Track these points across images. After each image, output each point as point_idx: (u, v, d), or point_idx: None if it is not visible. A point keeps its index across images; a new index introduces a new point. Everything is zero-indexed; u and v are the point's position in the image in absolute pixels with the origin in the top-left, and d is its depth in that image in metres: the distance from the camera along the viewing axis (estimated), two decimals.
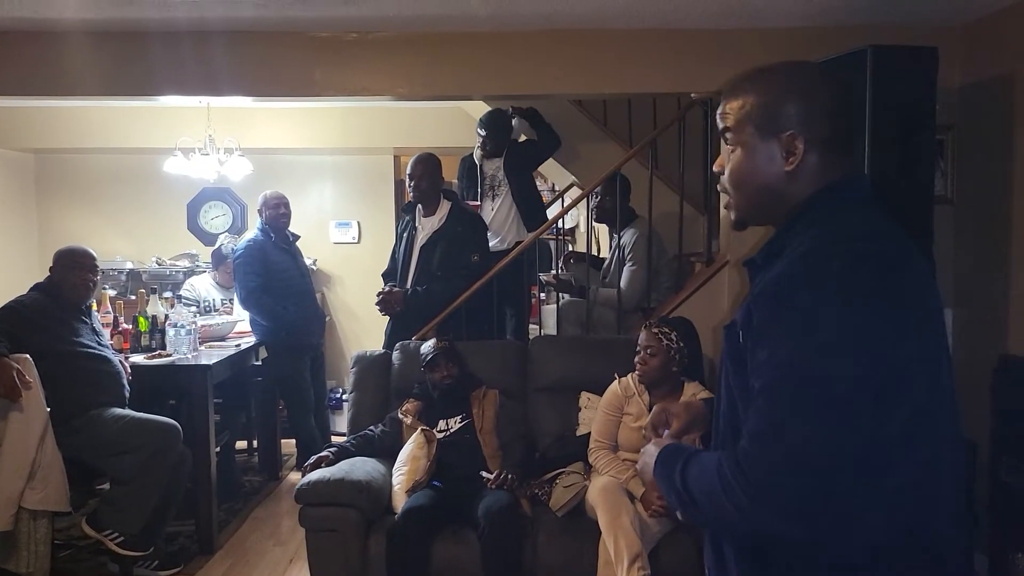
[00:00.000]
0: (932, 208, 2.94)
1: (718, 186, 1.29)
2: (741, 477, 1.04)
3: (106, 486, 3.72)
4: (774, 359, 1.06)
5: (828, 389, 1.02)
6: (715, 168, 1.29)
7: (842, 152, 1.21)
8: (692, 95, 3.90)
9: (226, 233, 5.95)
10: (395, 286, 3.95)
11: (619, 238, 4.16)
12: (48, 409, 3.04)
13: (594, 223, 4.73)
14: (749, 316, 1.12)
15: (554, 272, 4.56)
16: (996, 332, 3.32)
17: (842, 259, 1.08)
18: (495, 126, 4.39)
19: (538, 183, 5.72)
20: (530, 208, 4.45)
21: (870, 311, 1.05)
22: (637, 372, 3.01)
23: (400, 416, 3.29)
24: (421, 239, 3.90)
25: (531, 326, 4.77)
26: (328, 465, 3.06)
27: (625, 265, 4.08)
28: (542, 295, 5.13)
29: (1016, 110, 3.25)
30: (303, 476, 3.01)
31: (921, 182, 2.91)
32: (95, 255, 3.50)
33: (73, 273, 3.37)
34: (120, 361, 3.53)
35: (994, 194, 3.35)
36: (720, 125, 1.25)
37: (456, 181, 4.82)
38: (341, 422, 5.56)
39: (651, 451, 1.29)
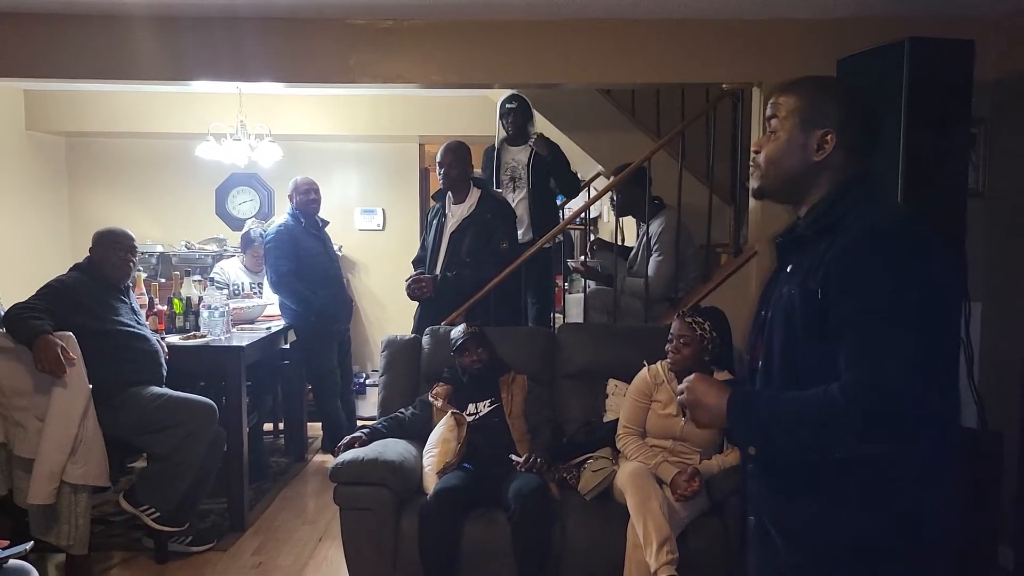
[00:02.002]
0: (966, 201, 2.94)
1: (751, 161, 1.58)
2: (861, 405, 1.28)
3: (138, 464, 3.82)
4: (862, 308, 1.31)
5: (913, 330, 1.29)
6: (753, 148, 1.58)
7: (862, 156, 1.50)
8: (724, 86, 3.91)
9: (253, 218, 6.02)
10: (424, 272, 3.99)
11: (647, 228, 4.18)
12: (90, 386, 3.11)
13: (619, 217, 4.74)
14: (827, 276, 1.36)
15: (582, 258, 4.58)
16: None
17: (905, 224, 1.39)
18: (522, 110, 4.39)
19: None
20: (540, 213, 4.44)
21: (935, 261, 1.35)
22: (669, 360, 3.04)
23: (430, 399, 3.34)
24: (451, 226, 3.94)
25: (556, 315, 4.81)
26: (361, 446, 3.11)
27: (652, 255, 4.10)
28: (565, 284, 5.16)
29: None
30: (336, 456, 3.06)
31: (955, 174, 2.92)
32: (133, 236, 3.56)
33: (113, 253, 3.44)
34: (157, 340, 3.60)
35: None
36: (769, 112, 1.54)
37: (482, 171, 4.85)
38: (365, 406, 5.65)
39: (706, 392, 1.48)
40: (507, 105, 4.41)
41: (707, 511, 2.94)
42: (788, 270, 1.49)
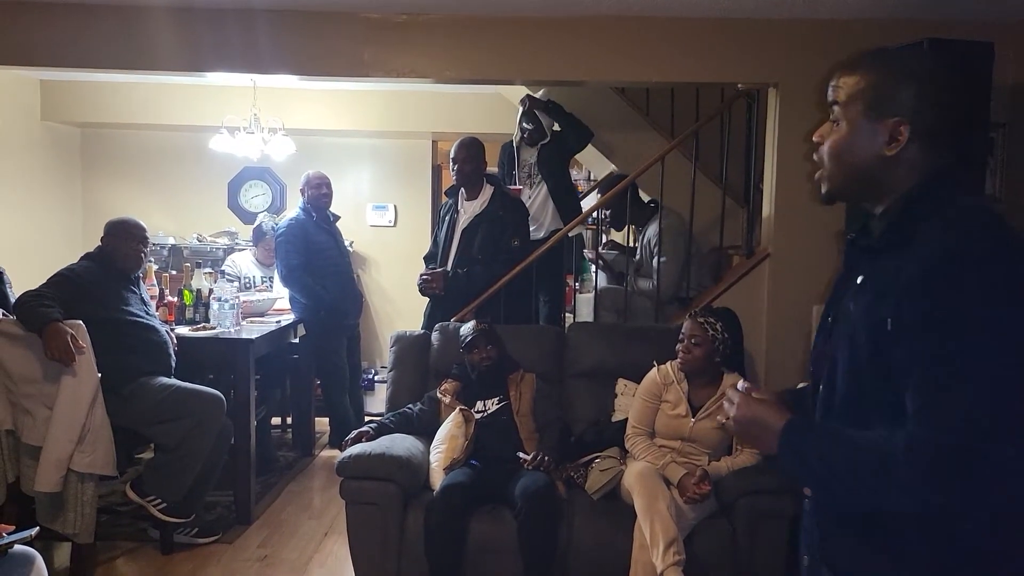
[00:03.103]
0: None
1: (814, 156, 1.31)
2: (919, 465, 1.07)
3: (145, 455, 3.82)
4: (939, 345, 1.09)
5: (997, 370, 1.06)
6: (815, 138, 1.31)
7: (948, 143, 1.22)
8: (739, 86, 3.89)
9: (265, 212, 6.03)
10: (435, 268, 3.99)
11: (643, 234, 4.20)
12: (99, 375, 3.11)
13: (612, 229, 4.73)
14: (899, 304, 1.13)
15: (599, 250, 4.58)
16: None
17: (988, 240, 1.12)
18: (538, 118, 4.40)
19: (574, 172, 5.75)
20: (564, 203, 4.45)
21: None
22: (679, 360, 3.02)
23: (439, 395, 3.32)
24: (463, 222, 3.93)
25: (565, 314, 4.79)
26: (368, 440, 3.11)
27: (655, 258, 4.10)
28: (576, 284, 5.14)
29: None
30: (343, 450, 3.06)
31: (973, 180, 2.89)
32: (146, 227, 3.57)
33: (125, 243, 3.45)
34: (167, 332, 3.61)
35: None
36: (830, 97, 1.28)
37: (497, 168, 4.85)
38: (373, 402, 5.65)
39: (759, 411, 1.29)
40: (524, 125, 4.46)
41: (715, 513, 2.92)
42: (859, 281, 1.25)
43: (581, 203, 4.86)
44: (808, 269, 3.71)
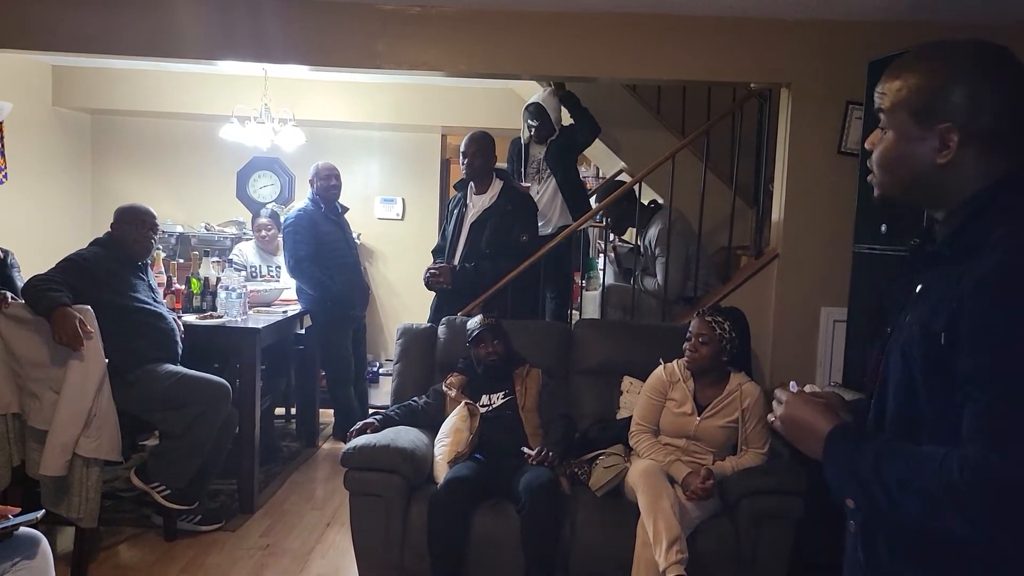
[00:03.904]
0: None
1: (868, 162, 1.24)
2: (977, 487, 1.01)
3: (150, 441, 3.83)
4: (999, 362, 1.02)
5: None
6: (867, 145, 1.24)
7: (1008, 141, 1.13)
8: (751, 85, 3.87)
9: (274, 202, 6.04)
10: (442, 262, 3.98)
11: (644, 236, 4.20)
12: (107, 360, 3.12)
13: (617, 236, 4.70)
14: (955, 316, 1.06)
15: (614, 242, 4.58)
16: None
17: None
18: (544, 115, 4.38)
19: (582, 170, 5.73)
20: (573, 197, 4.45)
21: None
22: (686, 359, 3.02)
23: (444, 389, 3.32)
24: (471, 216, 3.93)
25: (572, 311, 4.78)
26: (373, 432, 3.11)
27: (657, 259, 4.10)
28: (583, 281, 5.14)
29: None
30: (348, 441, 3.06)
31: None
32: (155, 214, 3.57)
33: (135, 229, 3.45)
34: (174, 319, 3.61)
35: None
36: (876, 104, 1.20)
37: (506, 164, 4.84)
38: (378, 395, 5.65)
39: (807, 412, 1.23)
40: (529, 122, 4.44)
41: (718, 512, 2.91)
42: (917, 291, 1.17)
43: (590, 200, 4.85)
44: (817, 271, 3.70)
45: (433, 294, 4.07)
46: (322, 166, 4.74)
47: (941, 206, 1.18)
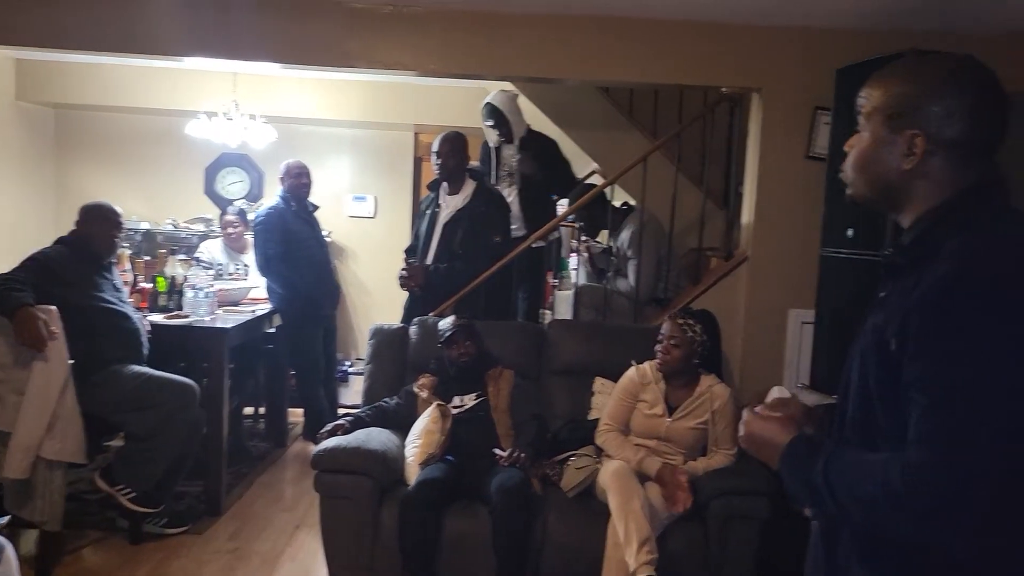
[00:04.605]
0: None
1: (843, 164, 1.29)
2: (914, 490, 1.04)
3: (115, 443, 3.77)
4: (945, 373, 1.05)
5: (1008, 405, 1.02)
6: (845, 148, 1.29)
7: (977, 155, 1.18)
8: (723, 89, 3.91)
9: (243, 199, 5.97)
10: (415, 262, 3.97)
11: (616, 238, 4.22)
12: (71, 361, 3.06)
13: (590, 238, 4.70)
14: (904, 323, 1.09)
15: (588, 241, 4.58)
16: None
17: (1006, 265, 1.07)
18: (498, 115, 4.34)
19: None
20: (534, 219, 4.39)
21: None
22: (658, 361, 3.04)
23: (416, 390, 3.31)
24: (444, 217, 3.92)
25: (544, 311, 4.80)
26: (344, 434, 3.09)
27: (630, 260, 4.12)
28: (555, 281, 5.15)
29: None
30: (318, 443, 3.04)
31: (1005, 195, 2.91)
32: (121, 212, 3.52)
33: (100, 227, 3.40)
34: (139, 319, 3.56)
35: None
36: (857, 107, 1.26)
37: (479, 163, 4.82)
38: (348, 394, 5.62)
39: (766, 428, 1.27)
40: (486, 123, 4.37)
41: (689, 513, 2.93)
42: (880, 297, 1.21)
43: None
44: (786, 273, 3.74)
45: (406, 294, 4.05)
46: (292, 164, 4.69)
47: (906, 212, 1.22)
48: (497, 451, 3.08)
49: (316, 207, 4.83)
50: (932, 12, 3.27)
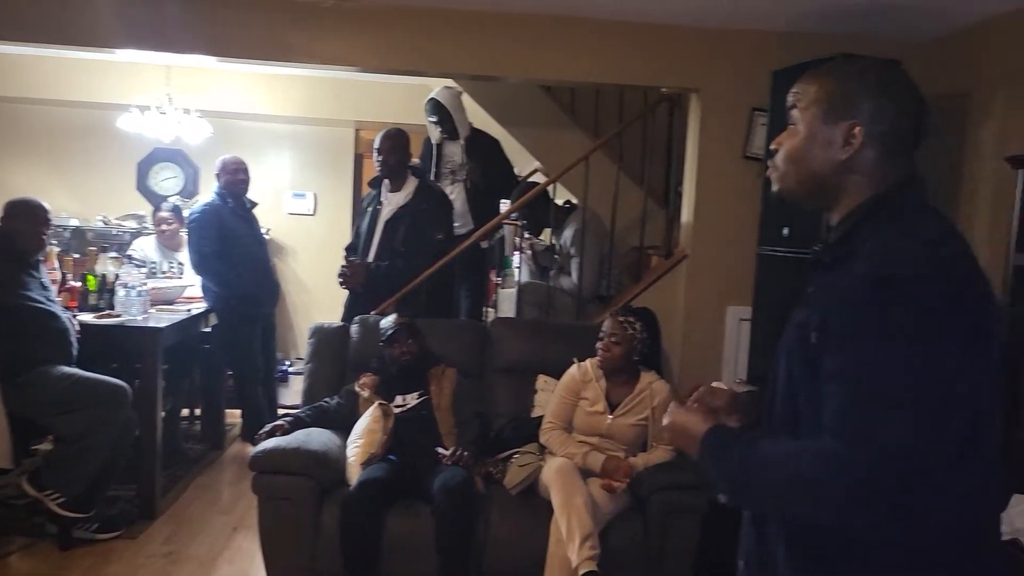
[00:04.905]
0: None
1: (769, 162, 1.33)
2: (826, 476, 1.08)
3: (44, 446, 3.64)
4: (858, 364, 1.09)
5: (914, 395, 1.06)
6: (772, 146, 1.31)
7: (902, 152, 1.23)
8: (663, 90, 3.97)
9: (177, 195, 5.82)
10: (355, 260, 3.92)
11: (560, 236, 4.25)
12: None
13: (533, 236, 4.72)
14: (825, 318, 1.14)
15: (531, 240, 4.59)
16: None
17: (923, 263, 1.11)
18: (442, 110, 4.31)
19: None
20: (482, 208, 4.41)
21: (950, 314, 1.09)
22: (599, 358, 3.07)
23: (357, 389, 3.28)
24: (386, 214, 3.88)
25: (488, 309, 4.80)
26: (283, 434, 3.04)
27: (573, 259, 4.16)
28: (498, 279, 5.16)
29: (967, 127, 3.41)
30: (256, 444, 2.98)
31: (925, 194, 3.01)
32: (48, 208, 3.39)
33: (27, 224, 3.28)
34: (69, 318, 3.44)
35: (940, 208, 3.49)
36: (789, 103, 1.29)
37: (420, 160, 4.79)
38: (287, 394, 5.53)
39: (687, 418, 1.31)
40: (430, 119, 4.35)
41: (629, 508, 2.97)
42: (808, 292, 1.25)
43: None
44: (724, 271, 3.82)
45: (346, 292, 4.01)
46: (229, 159, 4.59)
47: (835, 208, 1.26)
48: (440, 450, 3.07)
49: (254, 204, 4.73)
50: (860, 19, 3.38)
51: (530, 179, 4.98)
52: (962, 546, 1.15)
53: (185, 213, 4.90)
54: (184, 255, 4.74)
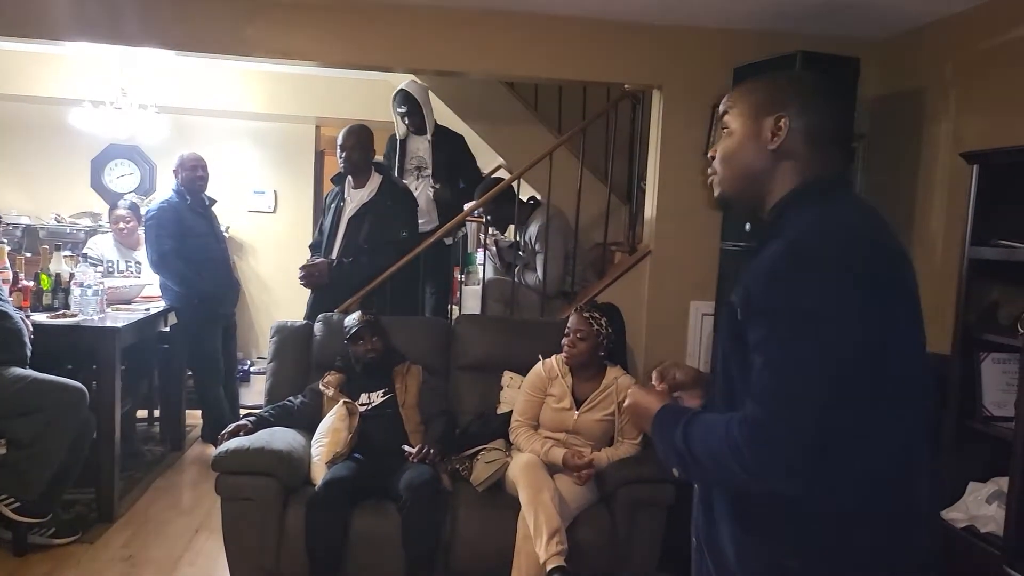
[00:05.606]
0: None
1: (709, 169, 1.41)
2: (749, 441, 1.15)
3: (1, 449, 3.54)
4: (773, 334, 1.17)
5: (824, 359, 1.13)
6: (709, 154, 1.41)
7: (828, 145, 1.32)
8: (626, 86, 3.98)
9: (133, 193, 5.70)
10: (319, 257, 3.88)
11: (524, 233, 4.25)
12: None
13: (498, 232, 4.71)
14: (747, 295, 1.21)
15: (494, 237, 4.58)
16: None
17: (831, 237, 1.19)
18: (412, 102, 4.30)
19: None
20: (448, 204, 4.40)
21: (858, 284, 1.15)
22: (564, 354, 3.07)
23: (321, 388, 3.24)
24: (349, 211, 3.84)
25: (452, 306, 4.77)
26: (247, 434, 2.99)
27: (537, 255, 4.16)
28: (462, 276, 5.14)
29: (924, 124, 3.48)
30: (219, 444, 2.93)
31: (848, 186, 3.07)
32: None
33: None
34: (21, 318, 3.34)
35: (898, 203, 3.57)
36: (722, 110, 1.39)
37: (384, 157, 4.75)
38: (249, 394, 5.45)
39: (645, 398, 1.41)
40: (399, 110, 4.33)
41: (596, 502, 2.99)
42: (741, 275, 1.33)
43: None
44: (687, 267, 3.85)
45: (308, 291, 3.96)
46: (187, 156, 4.51)
47: (767, 201, 1.34)
48: (406, 448, 3.05)
49: (213, 201, 4.65)
50: (818, 17, 3.43)
51: (494, 175, 4.96)
52: (884, 515, 1.22)
53: (143, 211, 4.80)
54: (142, 253, 4.65)
